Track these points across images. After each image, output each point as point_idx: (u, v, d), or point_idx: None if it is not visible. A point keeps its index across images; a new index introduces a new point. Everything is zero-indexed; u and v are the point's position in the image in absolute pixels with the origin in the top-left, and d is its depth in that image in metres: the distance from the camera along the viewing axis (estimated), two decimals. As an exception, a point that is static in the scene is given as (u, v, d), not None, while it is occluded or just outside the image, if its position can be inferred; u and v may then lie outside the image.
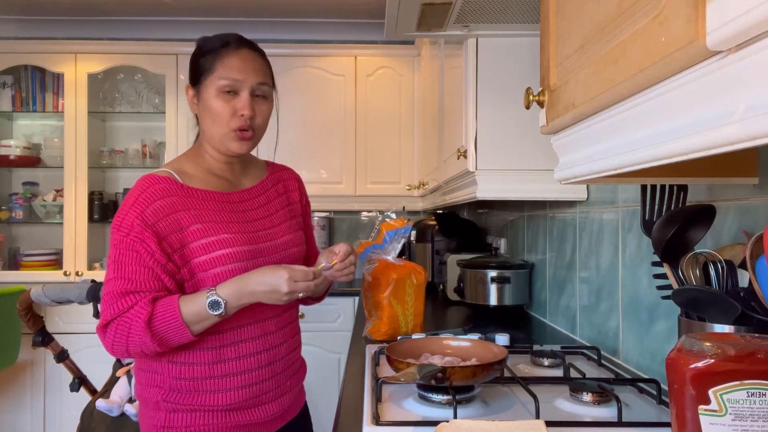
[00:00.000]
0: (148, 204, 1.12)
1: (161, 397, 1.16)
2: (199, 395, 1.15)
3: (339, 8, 3.43)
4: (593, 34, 0.72)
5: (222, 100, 1.17)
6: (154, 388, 1.17)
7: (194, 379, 1.15)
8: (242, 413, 1.19)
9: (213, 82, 1.17)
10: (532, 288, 2.21)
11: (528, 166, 1.73)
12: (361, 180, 3.42)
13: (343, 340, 3.15)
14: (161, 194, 1.13)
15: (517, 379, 1.17)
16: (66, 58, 3.28)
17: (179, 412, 1.15)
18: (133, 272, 1.10)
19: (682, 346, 0.71)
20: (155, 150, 3.50)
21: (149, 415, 1.18)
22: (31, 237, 3.58)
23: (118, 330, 1.09)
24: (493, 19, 1.57)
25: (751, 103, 0.46)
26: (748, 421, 0.66)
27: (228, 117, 1.18)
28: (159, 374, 1.17)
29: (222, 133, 1.19)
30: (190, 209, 1.15)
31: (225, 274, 1.14)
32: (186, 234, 1.13)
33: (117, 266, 1.10)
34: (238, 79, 1.17)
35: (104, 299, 1.11)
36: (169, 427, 1.15)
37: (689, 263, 0.94)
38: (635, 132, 0.67)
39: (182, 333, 1.09)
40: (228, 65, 1.17)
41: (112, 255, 1.12)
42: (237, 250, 1.16)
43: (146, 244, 1.10)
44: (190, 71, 1.23)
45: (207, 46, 1.20)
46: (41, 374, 3.24)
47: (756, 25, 0.43)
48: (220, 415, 1.17)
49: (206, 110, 1.19)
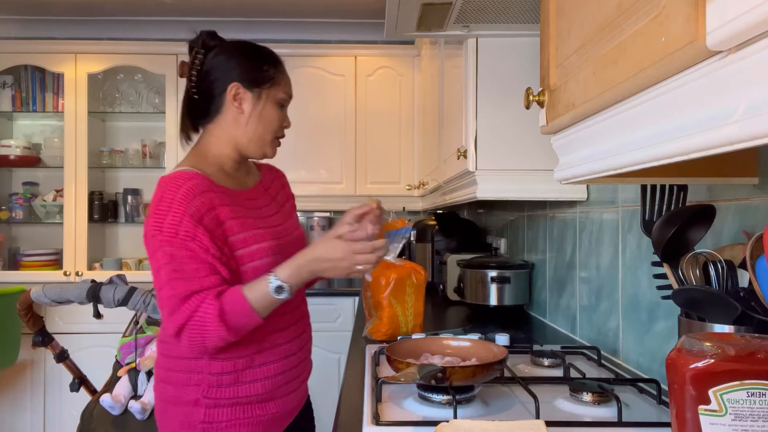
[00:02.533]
0: (190, 200, 1.13)
1: (201, 394, 1.18)
2: (239, 387, 1.19)
3: (339, 8, 3.43)
4: (593, 34, 0.72)
5: (278, 111, 1.28)
6: (193, 386, 1.19)
7: (236, 372, 1.19)
8: (273, 403, 1.24)
9: (276, 93, 1.27)
10: (532, 288, 2.21)
11: (528, 166, 1.73)
12: (361, 180, 3.42)
13: (343, 340, 3.15)
14: (198, 189, 1.15)
15: (517, 379, 1.17)
16: (66, 58, 3.28)
17: (220, 407, 1.18)
18: (193, 271, 1.11)
19: (682, 346, 0.71)
20: (155, 150, 3.50)
21: (185, 412, 1.19)
22: (31, 237, 3.58)
23: (192, 333, 1.11)
24: (493, 19, 1.57)
25: (751, 103, 0.46)
26: (748, 421, 0.66)
27: (277, 126, 1.29)
28: (198, 373, 1.19)
29: (268, 139, 1.28)
30: (224, 205, 1.18)
31: (262, 267, 1.18)
32: (225, 229, 1.17)
33: (173, 268, 1.10)
34: (291, 96, 1.32)
35: (167, 304, 1.11)
36: (210, 422, 1.18)
37: (689, 263, 0.94)
38: (635, 132, 0.67)
39: (253, 319, 1.13)
40: (287, 82, 1.30)
41: (161, 258, 1.11)
42: (269, 245, 1.22)
43: (199, 240, 1.11)
44: (236, 72, 1.25)
45: (261, 56, 1.28)
46: (41, 374, 3.24)
47: (756, 25, 0.43)
48: (256, 407, 1.21)
49: (261, 116, 1.26)
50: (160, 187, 1.15)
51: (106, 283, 1.97)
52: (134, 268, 3.42)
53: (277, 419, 1.25)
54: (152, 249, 1.13)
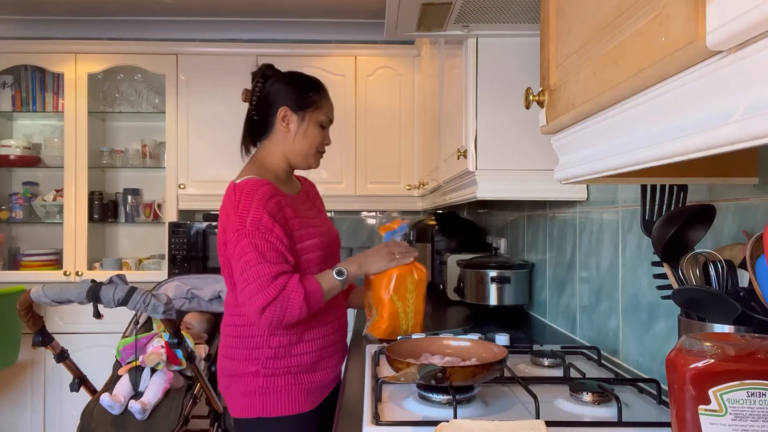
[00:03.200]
0: (266, 201, 1.39)
1: (261, 366, 1.44)
2: (291, 358, 1.46)
3: (339, 8, 3.43)
4: (593, 34, 0.72)
5: (319, 130, 1.56)
6: (253, 361, 1.45)
7: (289, 345, 1.46)
8: (317, 374, 1.50)
9: (318, 116, 1.55)
10: (532, 288, 2.21)
11: (528, 166, 1.73)
12: (361, 180, 3.42)
13: (343, 340, 3.15)
14: (270, 193, 1.41)
15: (517, 379, 1.17)
16: (66, 58, 3.28)
17: (276, 376, 1.45)
18: (274, 257, 1.36)
19: (682, 346, 0.71)
20: (155, 150, 3.50)
21: (246, 382, 1.45)
22: (31, 237, 3.58)
23: (275, 310, 1.35)
24: (493, 19, 1.57)
25: (751, 103, 0.46)
26: (748, 421, 0.66)
27: (319, 143, 1.57)
28: (258, 348, 1.45)
29: (311, 153, 1.56)
30: (288, 206, 1.46)
31: (314, 260, 1.49)
32: (290, 226, 1.44)
33: (258, 254, 1.35)
34: (331, 120, 1.60)
35: (254, 284, 1.35)
36: (267, 388, 1.44)
37: (689, 263, 0.94)
38: (635, 132, 0.67)
39: (321, 302, 1.43)
40: (329, 107, 1.59)
41: (246, 246, 1.36)
42: (318, 241, 1.51)
43: (275, 233, 1.38)
44: (286, 97, 1.53)
45: (307, 84, 1.56)
46: (41, 374, 3.24)
47: (756, 25, 0.43)
48: (304, 375, 1.47)
49: (305, 134, 1.54)
50: (237, 192, 1.41)
51: (106, 283, 1.97)
52: (134, 268, 3.42)
53: (319, 388, 1.50)
54: (235, 241, 1.37)
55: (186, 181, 3.31)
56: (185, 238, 3.19)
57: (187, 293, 2.49)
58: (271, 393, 1.44)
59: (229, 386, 1.50)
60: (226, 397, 1.51)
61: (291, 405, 1.45)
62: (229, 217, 1.40)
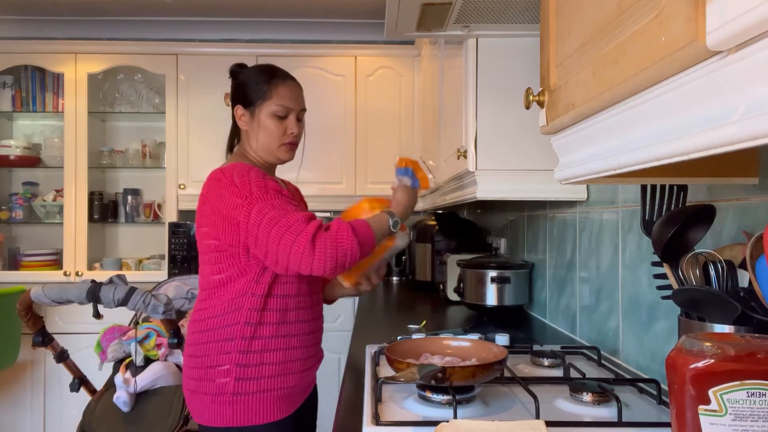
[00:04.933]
0: (263, 175, 1.34)
1: (233, 363, 1.33)
2: (264, 354, 1.35)
3: (339, 8, 3.43)
4: (593, 34, 0.72)
5: (275, 121, 1.45)
6: (225, 355, 1.34)
7: (264, 338, 1.35)
8: (291, 377, 1.38)
9: (268, 107, 1.44)
10: (532, 288, 2.21)
11: (528, 166, 1.73)
12: (361, 180, 3.42)
13: (343, 340, 3.15)
14: (262, 173, 1.36)
15: (517, 379, 1.17)
16: (66, 58, 3.28)
17: (247, 380, 1.33)
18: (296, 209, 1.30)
19: (682, 346, 0.71)
20: (155, 150, 3.50)
21: (216, 385, 1.34)
22: (31, 237, 3.58)
23: (326, 243, 1.24)
24: (493, 19, 1.57)
25: (751, 103, 0.46)
26: (748, 421, 0.66)
27: (280, 135, 1.46)
28: (231, 341, 1.34)
29: (275, 146, 1.46)
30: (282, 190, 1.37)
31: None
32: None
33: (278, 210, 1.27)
34: (289, 107, 1.46)
35: (290, 232, 1.24)
36: (238, 394, 1.33)
37: (689, 263, 0.94)
38: (635, 132, 0.67)
39: (373, 239, 1.32)
40: (282, 94, 1.45)
41: (261, 209, 1.27)
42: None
43: (285, 194, 1.33)
44: (240, 94, 1.47)
45: (257, 76, 1.46)
46: (41, 374, 3.24)
47: (756, 25, 0.43)
48: (277, 380, 1.36)
49: (261, 128, 1.45)
50: (227, 173, 1.33)
51: (106, 283, 1.97)
52: (134, 268, 3.42)
53: (293, 395, 1.39)
54: (247, 210, 1.28)
55: (186, 181, 3.31)
56: (185, 238, 3.19)
57: (187, 293, 2.49)
58: (241, 402, 1.33)
59: (196, 390, 1.37)
60: (191, 403, 1.38)
61: (263, 413, 1.34)
62: (224, 196, 1.31)
